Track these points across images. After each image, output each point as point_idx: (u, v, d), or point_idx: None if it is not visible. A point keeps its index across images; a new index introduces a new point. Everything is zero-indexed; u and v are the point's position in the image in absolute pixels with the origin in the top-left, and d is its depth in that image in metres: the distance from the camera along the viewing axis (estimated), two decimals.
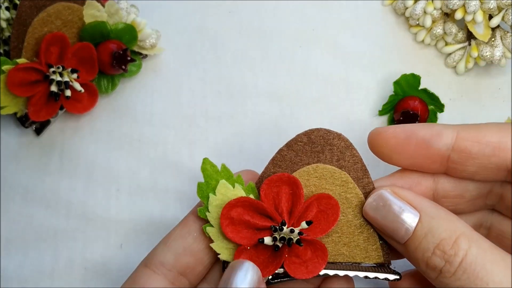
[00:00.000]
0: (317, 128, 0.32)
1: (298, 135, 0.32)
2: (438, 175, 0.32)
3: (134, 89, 0.42)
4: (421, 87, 0.40)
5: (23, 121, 0.39)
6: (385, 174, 0.40)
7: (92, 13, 0.39)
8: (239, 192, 0.31)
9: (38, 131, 0.40)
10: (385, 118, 0.42)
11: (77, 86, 0.38)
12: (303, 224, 0.30)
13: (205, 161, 0.32)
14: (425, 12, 0.42)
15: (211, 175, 0.31)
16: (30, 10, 0.37)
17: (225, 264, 0.31)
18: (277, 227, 0.30)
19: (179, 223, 0.32)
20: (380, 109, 0.41)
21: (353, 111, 0.42)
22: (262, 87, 0.42)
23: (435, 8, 0.41)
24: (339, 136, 0.32)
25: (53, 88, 0.37)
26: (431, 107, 0.40)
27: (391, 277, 0.31)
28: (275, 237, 0.30)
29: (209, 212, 0.31)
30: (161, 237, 0.38)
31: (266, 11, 0.44)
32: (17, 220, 0.39)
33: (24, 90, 0.37)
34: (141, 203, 0.40)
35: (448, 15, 0.42)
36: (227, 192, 0.31)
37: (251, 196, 0.31)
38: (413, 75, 0.40)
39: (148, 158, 0.41)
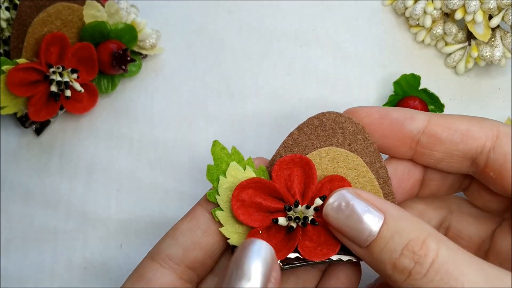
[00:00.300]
0: (329, 111, 0.31)
1: (309, 118, 0.31)
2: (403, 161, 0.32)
3: (134, 89, 0.42)
4: (421, 87, 0.40)
5: (23, 121, 0.39)
6: None
7: (92, 13, 0.39)
8: (250, 174, 0.30)
9: (38, 131, 0.40)
10: None
11: (77, 86, 0.38)
12: (317, 201, 0.29)
13: (215, 143, 0.31)
14: (425, 12, 0.42)
15: (221, 157, 0.31)
16: (30, 10, 0.37)
17: (234, 249, 0.30)
18: (291, 206, 0.29)
19: (186, 215, 0.31)
20: None
21: None
22: (262, 87, 0.42)
23: (435, 8, 0.41)
24: (350, 119, 0.31)
25: (53, 88, 0.37)
26: (431, 107, 0.40)
27: None
28: (290, 217, 0.29)
29: (219, 195, 0.30)
30: (161, 237, 0.38)
31: (266, 11, 0.44)
32: (17, 220, 0.39)
33: (24, 90, 0.37)
34: (141, 203, 0.40)
35: (448, 15, 0.42)
36: (237, 174, 0.30)
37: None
38: (413, 75, 0.40)
39: (148, 158, 0.41)
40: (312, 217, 0.29)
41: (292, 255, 0.30)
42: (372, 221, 0.27)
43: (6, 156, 0.40)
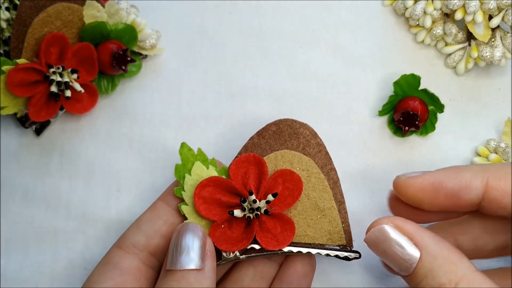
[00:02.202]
0: (285, 118, 0.35)
1: (267, 124, 0.35)
2: None
3: (134, 89, 0.42)
4: (421, 87, 0.40)
5: (23, 121, 0.39)
6: (386, 174, 0.40)
7: (92, 14, 0.39)
8: (212, 173, 0.34)
9: (38, 132, 0.40)
10: (385, 118, 0.42)
11: (77, 87, 0.38)
12: (270, 197, 0.33)
13: (183, 145, 0.35)
14: (425, 13, 0.42)
15: (188, 157, 0.34)
16: (30, 10, 0.37)
17: None
18: (246, 198, 0.33)
19: (149, 207, 0.34)
20: (380, 110, 0.41)
21: (353, 111, 0.42)
22: (262, 87, 0.42)
23: (435, 9, 0.41)
24: (304, 125, 0.35)
25: (53, 88, 0.37)
26: (431, 107, 0.40)
27: (351, 255, 0.33)
28: (244, 208, 0.33)
29: (184, 191, 0.34)
30: None
31: (266, 11, 0.44)
32: (17, 221, 0.39)
33: (24, 90, 0.37)
34: (141, 203, 0.40)
35: (448, 16, 0.42)
36: (201, 172, 0.34)
37: (224, 177, 0.34)
38: (413, 75, 0.40)
39: (148, 159, 0.41)
40: (265, 208, 0.33)
41: (254, 246, 0.33)
42: (407, 259, 0.28)
43: (6, 156, 0.40)
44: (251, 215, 0.33)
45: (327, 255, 0.33)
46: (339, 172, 0.40)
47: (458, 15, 0.40)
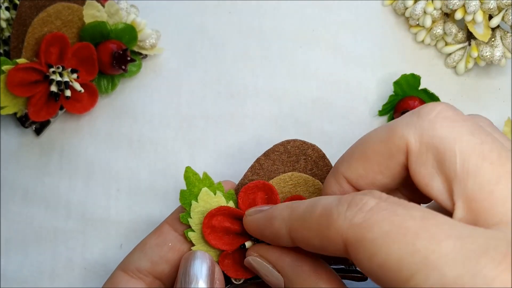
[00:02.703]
0: (293, 139, 0.34)
1: (275, 145, 0.34)
2: None
3: (134, 89, 0.42)
4: (421, 87, 0.40)
5: (23, 121, 0.39)
6: None
7: (92, 13, 0.39)
8: (220, 199, 0.33)
9: (38, 131, 0.40)
10: (385, 118, 0.42)
11: (77, 86, 0.38)
12: None
13: (188, 169, 0.33)
14: (425, 12, 0.42)
15: (193, 182, 0.33)
16: (30, 10, 0.37)
17: None
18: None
19: (154, 231, 0.33)
20: (380, 109, 0.41)
21: (353, 111, 0.42)
22: (262, 87, 0.42)
23: (435, 8, 0.41)
24: (313, 146, 0.34)
25: (53, 88, 0.37)
26: None
27: (361, 274, 0.33)
28: (254, 239, 0.32)
29: (191, 218, 0.32)
30: None
31: (266, 11, 0.44)
32: (16, 220, 0.39)
33: (24, 90, 0.37)
34: (141, 203, 0.40)
35: (448, 15, 0.42)
36: (209, 199, 0.33)
37: (231, 202, 0.33)
38: (413, 75, 0.40)
39: (148, 158, 0.41)
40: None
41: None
42: (276, 284, 0.29)
43: (6, 156, 0.40)
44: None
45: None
46: None
47: (458, 15, 0.40)
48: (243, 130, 0.41)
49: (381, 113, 0.41)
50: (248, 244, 0.32)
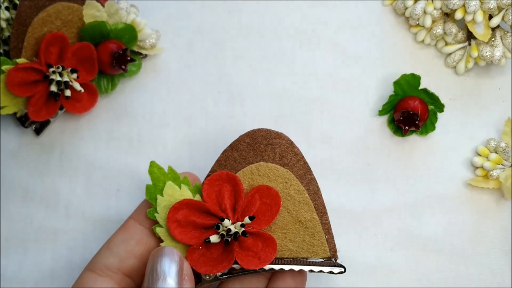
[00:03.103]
0: (259, 129, 0.33)
1: (241, 136, 0.33)
2: None
3: (134, 89, 0.42)
4: (421, 87, 0.40)
5: (22, 121, 0.39)
6: (385, 174, 0.40)
7: (92, 13, 0.39)
8: (185, 192, 0.32)
9: (38, 131, 0.40)
10: (385, 118, 0.42)
11: (77, 86, 0.38)
12: (246, 219, 0.31)
13: (152, 163, 0.33)
14: (425, 12, 0.42)
15: (158, 177, 0.32)
16: (29, 10, 0.37)
17: None
18: (219, 224, 0.31)
19: (119, 228, 0.33)
20: (380, 109, 0.41)
21: (353, 111, 0.42)
22: (262, 87, 0.42)
23: (435, 8, 0.41)
24: (280, 135, 0.33)
25: (53, 88, 0.37)
26: (431, 107, 0.40)
27: (336, 270, 0.32)
28: (222, 234, 0.31)
29: (157, 213, 0.32)
30: None
31: (266, 11, 0.44)
32: (16, 220, 0.39)
33: (24, 90, 0.37)
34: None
35: (448, 15, 0.42)
36: (174, 193, 0.32)
37: (197, 195, 0.32)
38: (413, 75, 0.40)
39: (148, 158, 0.40)
40: (243, 229, 0.31)
41: (236, 266, 0.32)
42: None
43: (6, 156, 0.40)
44: (228, 238, 0.31)
45: (311, 271, 0.32)
46: (339, 171, 0.40)
47: (458, 15, 0.40)
48: (243, 130, 0.41)
49: (381, 113, 0.41)
50: (213, 238, 0.31)
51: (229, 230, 0.31)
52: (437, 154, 0.41)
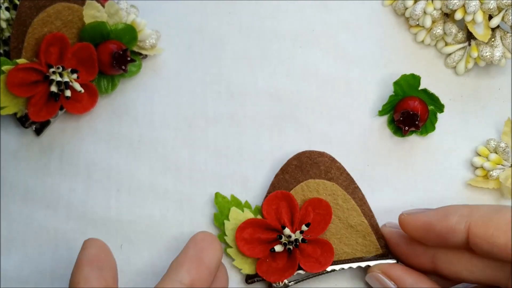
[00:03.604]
0: (304, 151, 0.38)
1: (289, 160, 0.38)
2: None
3: (134, 89, 0.42)
4: (421, 87, 0.40)
5: (23, 121, 0.39)
6: (385, 174, 0.40)
7: (92, 14, 0.39)
8: (248, 214, 0.37)
9: (38, 131, 0.40)
10: (385, 118, 0.42)
11: (77, 87, 0.38)
12: (303, 227, 0.35)
13: (217, 195, 0.38)
14: (425, 13, 0.42)
15: (223, 205, 0.38)
16: (30, 10, 0.37)
17: (247, 277, 0.37)
18: (281, 235, 0.35)
19: None
20: (380, 109, 0.41)
21: (353, 111, 0.42)
22: (262, 87, 0.42)
23: (435, 9, 0.41)
24: (322, 153, 0.38)
25: (53, 88, 0.37)
26: (431, 107, 0.40)
27: (391, 261, 0.36)
28: (285, 243, 0.35)
29: (226, 236, 0.37)
30: (161, 238, 0.39)
31: (266, 11, 0.44)
32: (17, 220, 0.39)
33: (24, 90, 0.37)
34: (141, 203, 0.40)
35: (448, 16, 0.42)
36: (238, 216, 0.37)
37: (258, 216, 0.37)
38: (413, 75, 0.40)
39: (148, 159, 0.41)
40: (302, 237, 0.35)
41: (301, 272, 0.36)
42: None
43: (6, 156, 0.40)
44: (291, 247, 0.35)
45: (368, 266, 0.36)
46: None
47: (458, 15, 0.40)
48: (243, 130, 0.41)
49: (381, 113, 0.41)
50: (277, 248, 0.35)
51: (290, 237, 0.35)
52: (437, 154, 0.41)
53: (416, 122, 0.39)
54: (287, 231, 0.35)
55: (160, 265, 0.38)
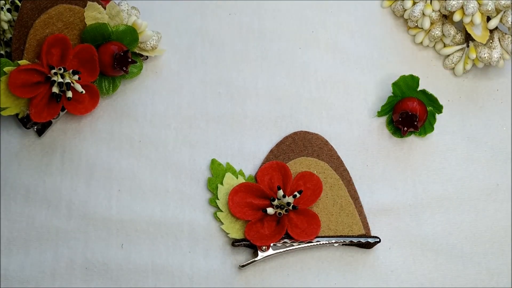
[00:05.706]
0: (299, 131, 0.40)
1: (284, 138, 0.40)
2: None
3: (135, 90, 0.42)
4: (419, 88, 0.40)
5: (24, 122, 0.40)
6: (384, 175, 0.41)
7: (93, 15, 0.39)
8: (241, 181, 0.38)
9: (40, 132, 0.41)
10: (384, 119, 0.42)
11: (79, 88, 0.38)
12: (296, 194, 0.37)
13: (213, 161, 0.40)
14: (423, 14, 0.42)
15: (218, 171, 0.39)
16: (31, 12, 0.38)
17: (233, 241, 0.38)
18: (275, 197, 0.37)
19: None
20: (379, 110, 0.41)
21: (352, 112, 0.42)
22: (262, 88, 0.42)
23: (433, 10, 0.42)
24: (316, 135, 0.40)
25: (55, 89, 0.38)
26: (429, 108, 0.40)
27: (372, 240, 0.38)
28: (276, 206, 0.37)
29: (218, 199, 0.38)
30: (161, 237, 0.39)
31: (266, 12, 0.44)
32: (18, 220, 0.39)
33: (26, 91, 0.37)
34: (141, 203, 0.40)
35: (446, 17, 0.43)
36: (232, 181, 0.39)
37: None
38: (411, 76, 0.40)
39: (149, 159, 0.41)
40: (293, 204, 0.37)
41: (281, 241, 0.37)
42: None
43: (8, 156, 0.40)
44: (282, 211, 0.37)
45: (351, 241, 0.38)
46: None
47: (457, 17, 0.40)
48: (242, 131, 0.42)
49: (380, 114, 0.42)
50: (269, 210, 0.36)
51: (284, 197, 0.36)
52: (436, 154, 0.41)
53: (415, 123, 0.39)
54: (280, 193, 0.37)
55: (161, 263, 0.38)
